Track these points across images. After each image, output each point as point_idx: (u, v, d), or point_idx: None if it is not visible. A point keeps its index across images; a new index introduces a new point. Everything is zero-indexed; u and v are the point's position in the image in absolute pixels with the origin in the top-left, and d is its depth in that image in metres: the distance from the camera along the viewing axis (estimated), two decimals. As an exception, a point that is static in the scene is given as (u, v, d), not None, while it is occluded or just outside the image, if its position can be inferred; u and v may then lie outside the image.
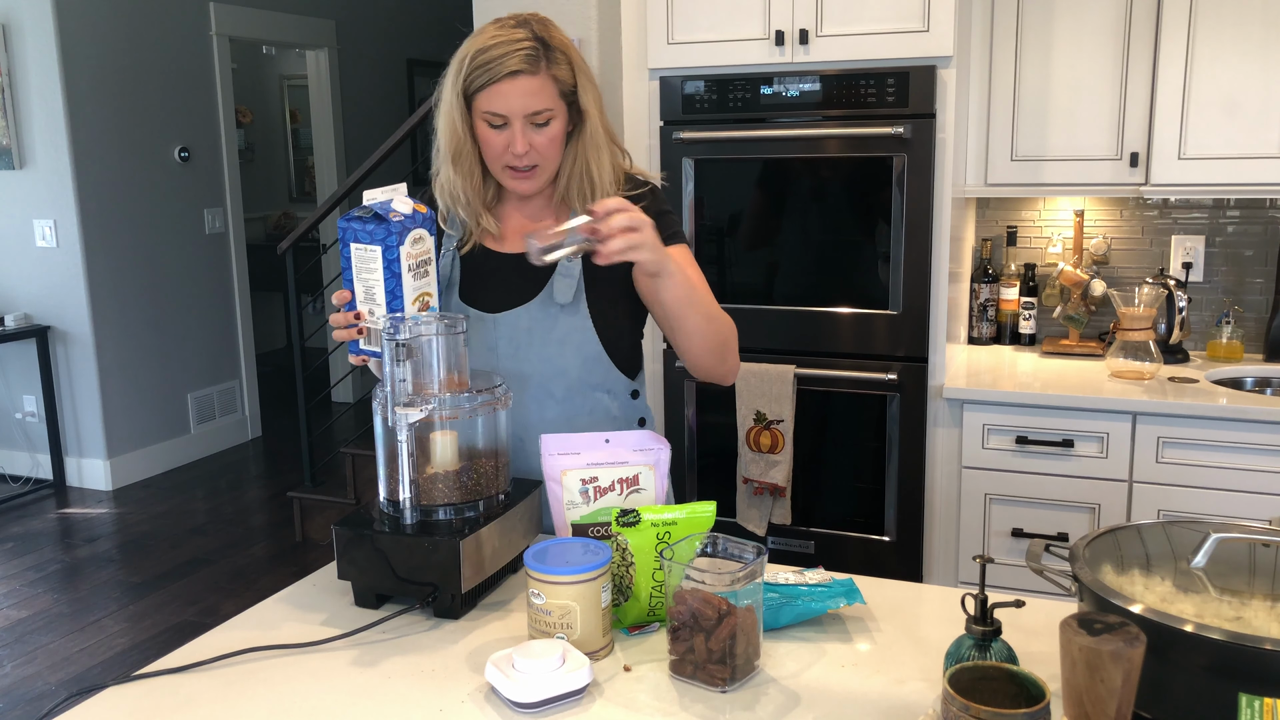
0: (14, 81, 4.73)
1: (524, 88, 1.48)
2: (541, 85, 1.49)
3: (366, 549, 1.32)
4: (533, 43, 1.48)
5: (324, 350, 5.94)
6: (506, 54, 1.47)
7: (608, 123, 1.60)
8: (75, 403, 4.96)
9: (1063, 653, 0.99)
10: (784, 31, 2.65)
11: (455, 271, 1.65)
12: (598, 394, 1.64)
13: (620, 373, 1.66)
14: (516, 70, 1.47)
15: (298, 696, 1.15)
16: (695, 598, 1.14)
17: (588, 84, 1.55)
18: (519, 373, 1.61)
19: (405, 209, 1.42)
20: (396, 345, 1.32)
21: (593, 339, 1.61)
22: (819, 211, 2.76)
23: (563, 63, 1.51)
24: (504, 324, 1.61)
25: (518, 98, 1.48)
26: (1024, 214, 3.17)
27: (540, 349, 1.60)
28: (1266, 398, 2.58)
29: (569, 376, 1.62)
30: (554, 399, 1.62)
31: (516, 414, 1.62)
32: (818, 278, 2.77)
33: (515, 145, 1.51)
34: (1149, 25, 2.68)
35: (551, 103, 1.51)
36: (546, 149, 1.53)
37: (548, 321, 1.60)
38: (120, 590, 3.83)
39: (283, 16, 5.79)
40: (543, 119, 1.51)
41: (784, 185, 2.75)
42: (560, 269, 1.59)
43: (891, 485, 2.75)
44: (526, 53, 1.48)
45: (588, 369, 1.62)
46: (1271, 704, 0.93)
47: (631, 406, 1.69)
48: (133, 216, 5.01)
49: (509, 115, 1.50)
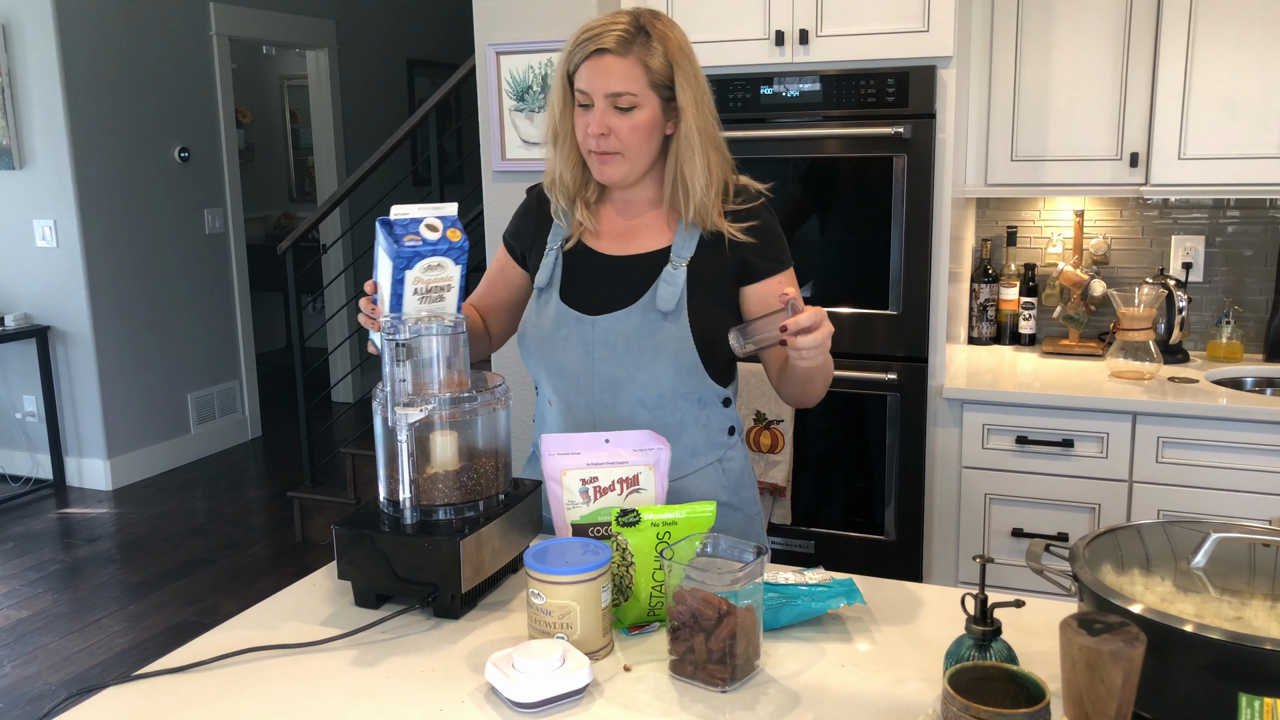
0: (14, 81, 4.73)
1: (608, 67, 1.48)
2: (628, 68, 1.48)
3: (366, 549, 1.32)
4: (629, 27, 1.49)
5: (324, 350, 5.94)
6: (601, 33, 1.48)
7: (710, 127, 1.55)
8: (75, 403, 4.96)
9: (1063, 653, 0.99)
10: (784, 31, 2.65)
11: (558, 269, 1.63)
12: (689, 402, 1.61)
13: (713, 381, 1.62)
14: (604, 49, 1.48)
15: (298, 696, 1.15)
16: (695, 598, 1.14)
17: (687, 82, 1.51)
18: (613, 377, 1.58)
19: (431, 235, 1.39)
20: (396, 345, 1.33)
21: (690, 348, 1.56)
22: (819, 212, 2.76)
23: (658, 53, 1.49)
24: (603, 327, 1.58)
25: (600, 76, 1.49)
26: (1024, 214, 3.17)
27: (637, 355, 1.57)
28: (1266, 398, 2.58)
29: (663, 384, 1.58)
30: (645, 406, 1.59)
31: (606, 418, 1.60)
32: (818, 278, 2.77)
33: (593, 125, 1.50)
34: (1149, 25, 2.68)
35: (636, 88, 1.49)
36: (627, 136, 1.51)
37: (648, 328, 1.56)
38: (120, 590, 3.83)
39: (283, 16, 5.79)
40: (625, 103, 1.49)
41: (784, 185, 2.75)
42: (665, 275, 1.57)
43: (891, 485, 2.75)
44: (619, 34, 1.48)
45: (682, 377, 1.58)
46: (1271, 704, 0.93)
47: (722, 415, 1.66)
48: (133, 216, 5.01)
49: (591, 94, 1.50)
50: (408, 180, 6.30)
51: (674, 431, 1.59)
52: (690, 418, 1.61)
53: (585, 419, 1.62)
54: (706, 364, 1.59)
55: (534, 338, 1.63)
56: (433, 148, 4.23)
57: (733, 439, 1.68)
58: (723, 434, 1.66)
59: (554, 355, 1.61)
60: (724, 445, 1.66)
